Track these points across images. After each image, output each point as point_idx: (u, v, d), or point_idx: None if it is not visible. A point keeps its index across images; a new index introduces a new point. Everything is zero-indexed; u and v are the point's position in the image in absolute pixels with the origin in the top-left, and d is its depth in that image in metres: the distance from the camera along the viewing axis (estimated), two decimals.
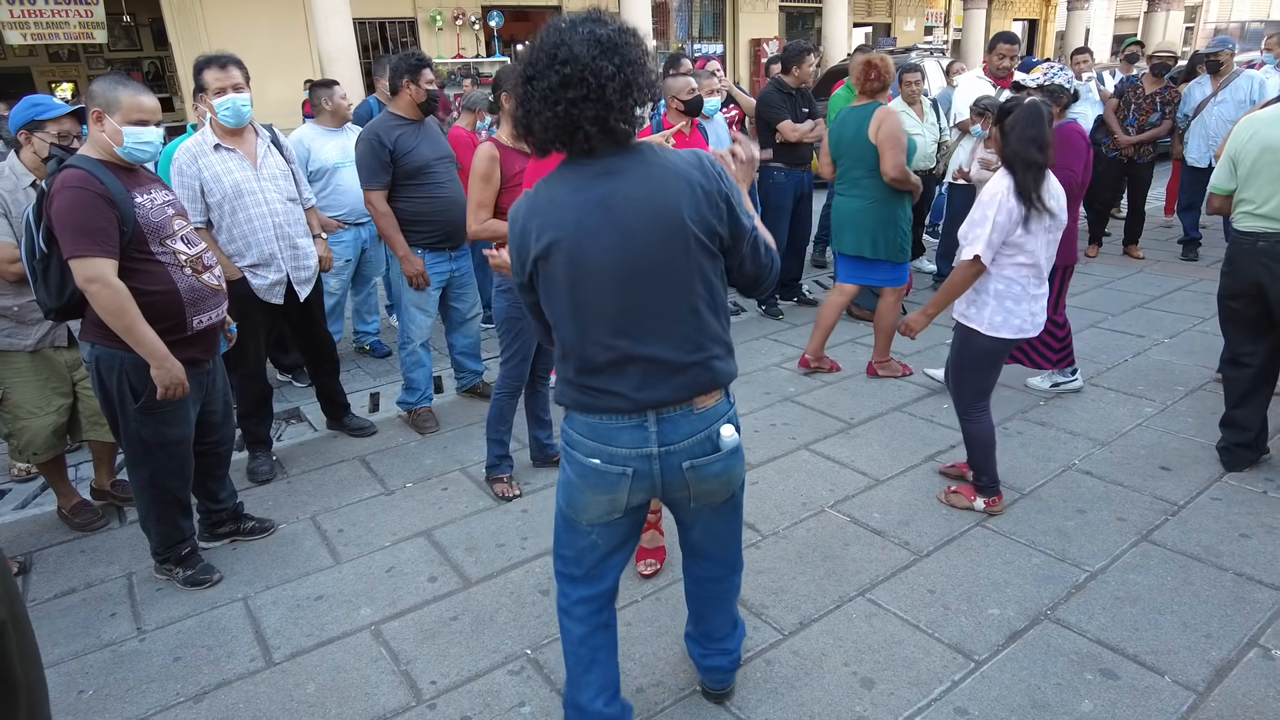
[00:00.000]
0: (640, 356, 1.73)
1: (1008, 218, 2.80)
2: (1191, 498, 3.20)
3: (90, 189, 2.47)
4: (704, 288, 1.73)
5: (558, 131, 1.63)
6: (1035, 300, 2.95)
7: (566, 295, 1.72)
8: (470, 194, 3.20)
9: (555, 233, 1.68)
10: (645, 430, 1.79)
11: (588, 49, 1.58)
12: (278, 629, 2.67)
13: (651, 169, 1.67)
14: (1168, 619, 2.52)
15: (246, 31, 11.60)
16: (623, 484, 1.83)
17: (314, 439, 4.13)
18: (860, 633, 2.52)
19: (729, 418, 1.87)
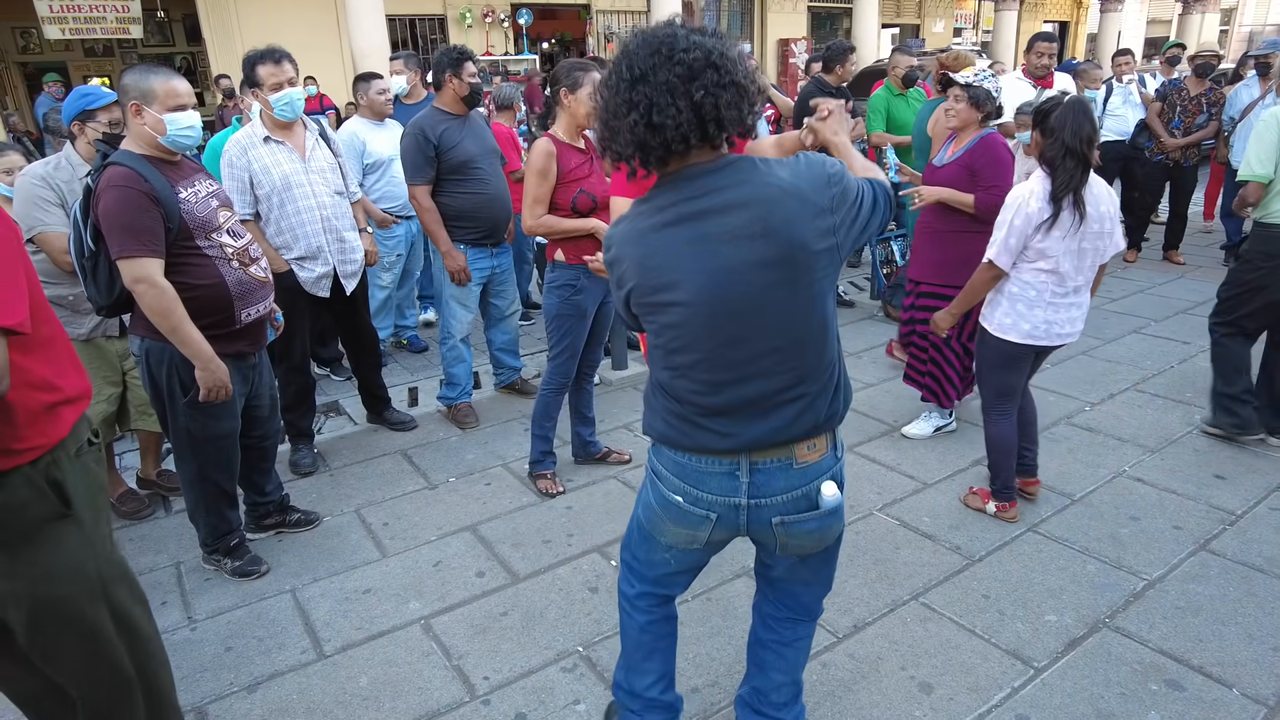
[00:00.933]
0: (739, 398, 1.57)
1: (1025, 222, 2.73)
2: (1249, 507, 3.14)
3: (135, 187, 2.44)
4: (819, 310, 1.56)
5: (689, 127, 1.44)
6: (1055, 309, 2.83)
7: (658, 333, 1.60)
8: (526, 189, 3.18)
9: (650, 271, 1.54)
10: (737, 479, 1.63)
11: (706, 38, 1.45)
12: (327, 621, 2.68)
13: (758, 189, 1.49)
14: (1232, 630, 2.47)
15: (279, 27, 11.67)
16: (705, 525, 1.69)
17: (354, 432, 4.14)
18: (915, 637, 2.48)
19: (833, 474, 1.67)
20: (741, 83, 1.45)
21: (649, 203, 1.57)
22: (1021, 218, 2.74)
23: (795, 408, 1.58)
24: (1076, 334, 2.92)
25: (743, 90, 1.46)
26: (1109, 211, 2.78)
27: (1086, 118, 2.66)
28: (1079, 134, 2.64)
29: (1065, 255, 2.75)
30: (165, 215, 2.48)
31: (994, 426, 3.05)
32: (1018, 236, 2.76)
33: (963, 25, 20.31)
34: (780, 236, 1.48)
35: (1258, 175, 3.40)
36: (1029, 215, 2.73)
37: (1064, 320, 2.86)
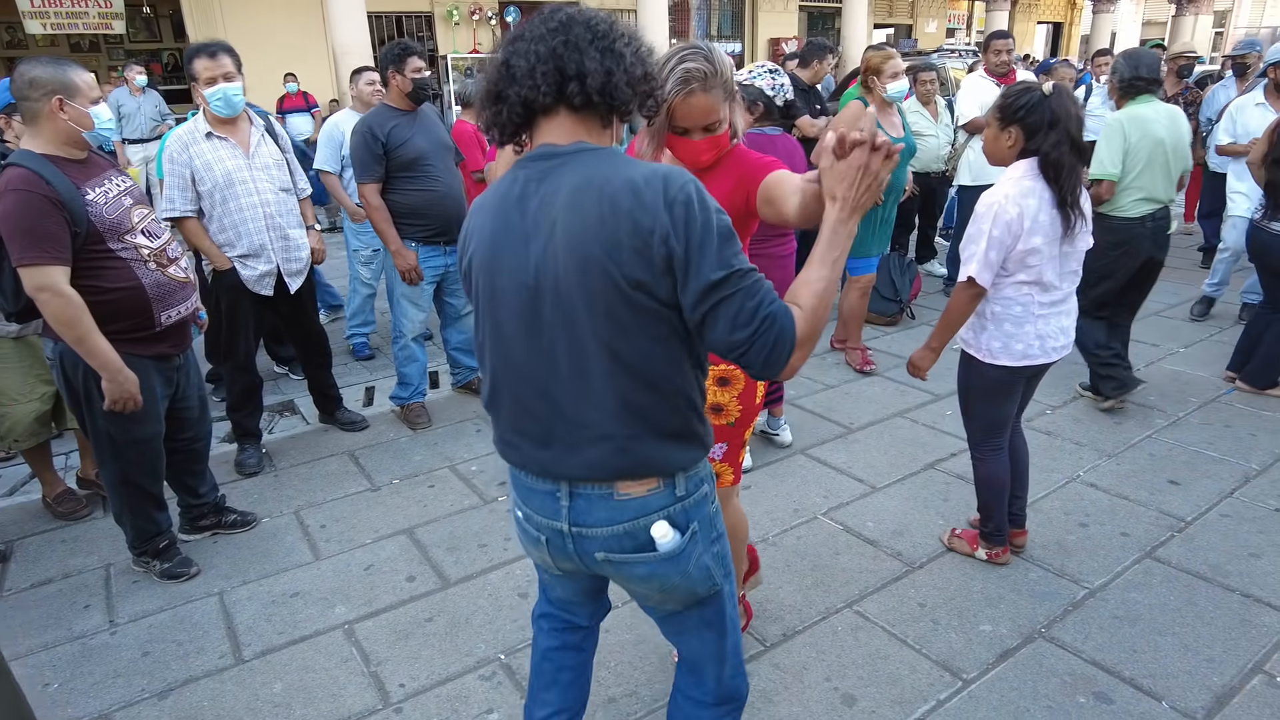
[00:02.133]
0: (547, 412, 1.39)
1: (1005, 232, 2.39)
2: (1200, 514, 3.08)
3: (36, 191, 2.32)
4: (632, 348, 1.31)
5: (545, 78, 1.29)
6: (1043, 320, 2.52)
7: (481, 318, 1.44)
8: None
9: (475, 241, 1.41)
10: (557, 501, 1.44)
11: (586, 13, 1.34)
12: (250, 625, 2.62)
13: (595, 172, 1.29)
14: (1169, 641, 2.41)
15: (263, 23, 11.63)
16: (541, 547, 1.52)
17: (305, 432, 4.08)
18: (845, 646, 2.43)
19: (669, 514, 1.41)
20: (619, 50, 1.31)
21: (504, 178, 1.42)
22: (1000, 227, 2.39)
23: (608, 448, 1.36)
24: (1070, 344, 2.62)
25: (618, 57, 1.30)
26: (1088, 210, 2.50)
27: (1078, 106, 2.41)
28: (1083, 125, 2.39)
29: (1048, 263, 2.45)
30: (70, 219, 2.37)
31: (985, 465, 2.72)
32: (998, 249, 2.41)
33: (956, 26, 20.25)
34: (588, 234, 1.28)
35: (1109, 174, 3.73)
36: (1008, 223, 2.38)
37: (1055, 331, 2.55)
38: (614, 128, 1.40)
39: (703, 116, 1.82)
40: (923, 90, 5.60)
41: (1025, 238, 2.40)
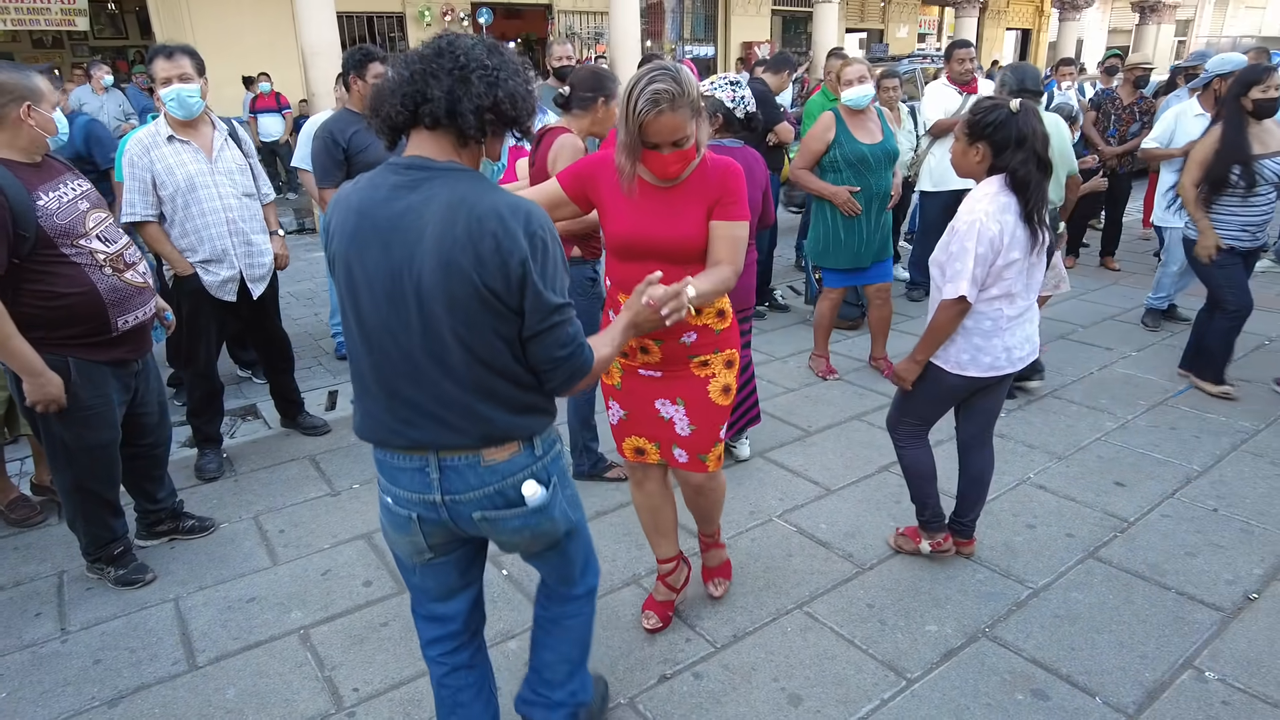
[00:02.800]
0: (413, 394, 1.55)
1: (989, 249, 2.40)
2: (1142, 514, 3.17)
3: None
4: (482, 342, 1.51)
5: (404, 100, 1.47)
6: (1009, 332, 2.54)
7: (345, 307, 1.60)
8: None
9: (337, 236, 1.57)
10: (427, 475, 1.60)
11: (471, 42, 1.51)
12: (205, 631, 2.62)
13: (468, 192, 1.47)
14: (1105, 638, 2.49)
15: (231, 21, 11.53)
16: (412, 527, 1.67)
17: (266, 436, 4.07)
18: (794, 647, 2.48)
19: (533, 472, 1.64)
20: (472, 79, 1.46)
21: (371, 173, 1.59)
22: (985, 244, 2.39)
23: (471, 418, 1.56)
24: (1036, 350, 2.66)
25: (467, 85, 1.45)
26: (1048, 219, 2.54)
27: (1041, 121, 2.42)
28: (1048, 142, 2.41)
29: (1020, 276, 2.48)
30: (15, 222, 2.35)
31: (910, 452, 2.81)
32: (983, 265, 2.42)
33: (927, 31, 20.51)
34: (454, 244, 1.46)
35: None
36: (991, 240, 2.39)
37: (1021, 341, 2.59)
38: (473, 148, 1.55)
39: (671, 133, 1.98)
40: (885, 97, 5.68)
41: (1005, 252, 2.42)
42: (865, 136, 4.30)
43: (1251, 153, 3.90)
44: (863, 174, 4.27)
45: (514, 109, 1.52)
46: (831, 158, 4.29)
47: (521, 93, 1.52)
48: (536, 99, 1.61)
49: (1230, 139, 3.95)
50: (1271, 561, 2.86)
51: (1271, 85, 3.86)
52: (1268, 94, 3.86)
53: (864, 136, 4.30)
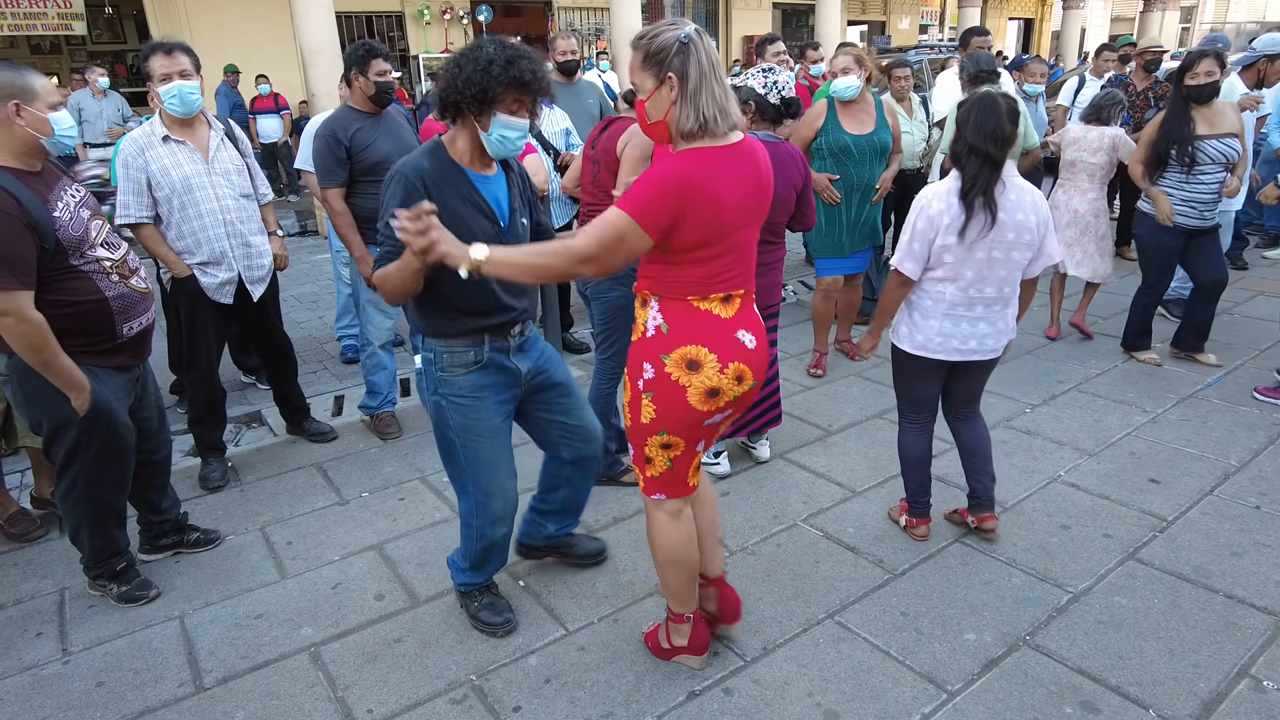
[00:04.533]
0: None
1: (928, 225, 2.54)
2: (1181, 513, 3.06)
3: (7, 211, 2.22)
4: None
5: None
6: (953, 321, 2.61)
7: None
8: (625, 170, 3.12)
9: None
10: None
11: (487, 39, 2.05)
12: (212, 650, 2.51)
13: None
14: (1153, 646, 2.38)
15: (229, 23, 11.42)
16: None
17: (272, 444, 3.97)
18: (827, 659, 2.37)
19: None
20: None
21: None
22: (924, 220, 2.54)
23: None
24: (989, 350, 2.67)
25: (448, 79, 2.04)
26: (1032, 221, 2.52)
27: (992, 114, 2.43)
28: (981, 130, 2.43)
29: (967, 263, 2.54)
30: (40, 236, 2.28)
31: (901, 434, 2.92)
32: (921, 240, 2.56)
33: (929, 22, 20.34)
34: None
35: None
36: (930, 217, 2.53)
37: (966, 334, 2.62)
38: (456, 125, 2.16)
39: (631, 74, 1.92)
40: (897, 87, 5.55)
41: (943, 233, 2.52)
42: (854, 127, 4.24)
43: (1194, 133, 4.04)
44: (844, 163, 4.25)
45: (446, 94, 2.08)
46: (817, 145, 4.30)
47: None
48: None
49: (1169, 121, 4.12)
50: None
51: (1201, 72, 3.98)
52: (1196, 80, 4.00)
53: (853, 127, 4.24)
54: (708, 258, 1.90)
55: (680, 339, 1.95)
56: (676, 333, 1.96)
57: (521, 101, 2.11)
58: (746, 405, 2.11)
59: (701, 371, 1.95)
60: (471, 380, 2.27)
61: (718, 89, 1.82)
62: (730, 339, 1.97)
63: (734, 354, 1.97)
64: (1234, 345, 4.70)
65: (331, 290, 6.46)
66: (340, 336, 5.12)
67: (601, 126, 3.16)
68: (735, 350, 1.97)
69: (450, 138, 2.21)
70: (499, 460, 2.35)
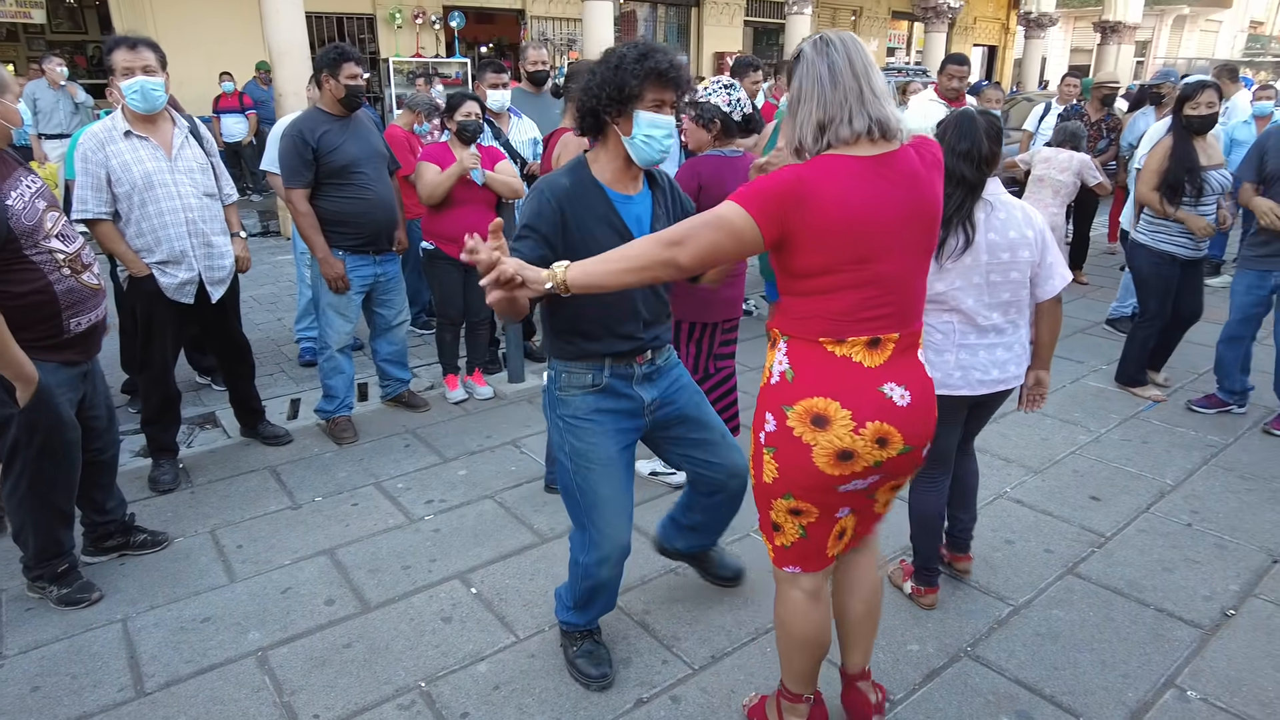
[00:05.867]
0: None
1: None
2: (1119, 529, 3.16)
3: None
4: None
5: None
6: (969, 351, 2.42)
7: None
8: None
9: None
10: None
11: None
12: (155, 654, 2.48)
13: None
14: (1087, 657, 2.46)
15: (195, 18, 11.26)
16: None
17: (225, 446, 3.92)
18: (774, 668, 2.39)
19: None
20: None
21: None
22: None
23: None
24: (1010, 379, 2.49)
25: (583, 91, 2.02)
26: (1028, 235, 2.38)
27: (968, 134, 2.33)
28: (955, 150, 2.31)
29: (966, 290, 2.37)
30: None
31: (916, 495, 2.63)
32: None
33: (896, 45, 20.76)
34: None
35: None
36: None
37: (985, 364, 2.43)
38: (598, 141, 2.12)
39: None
40: None
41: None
42: None
43: (1199, 163, 4.08)
44: None
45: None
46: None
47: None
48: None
49: (1180, 150, 4.11)
50: (1246, 577, 2.85)
51: (1202, 103, 4.00)
52: (1197, 110, 4.02)
53: None
54: (839, 287, 1.63)
55: (806, 389, 1.68)
56: (803, 381, 1.69)
57: (663, 97, 1.98)
58: (908, 470, 1.79)
59: (830, 430, 1.66)
60: (588, 402, 2.14)
61: (833, 95, 1.60)
62: (872, 393, 1.67)
63: (875, 411, 1.66)
64: (1174, 368, 4.86)
65: (291, 292, 6.41)
66: (299, 339, 5.08)
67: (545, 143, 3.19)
68: (877, 407, 1.66)
69: (593, 154, 2.13)
70: (611, 494, 2.16)
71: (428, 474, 3.60)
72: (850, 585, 2.04)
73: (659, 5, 16.50)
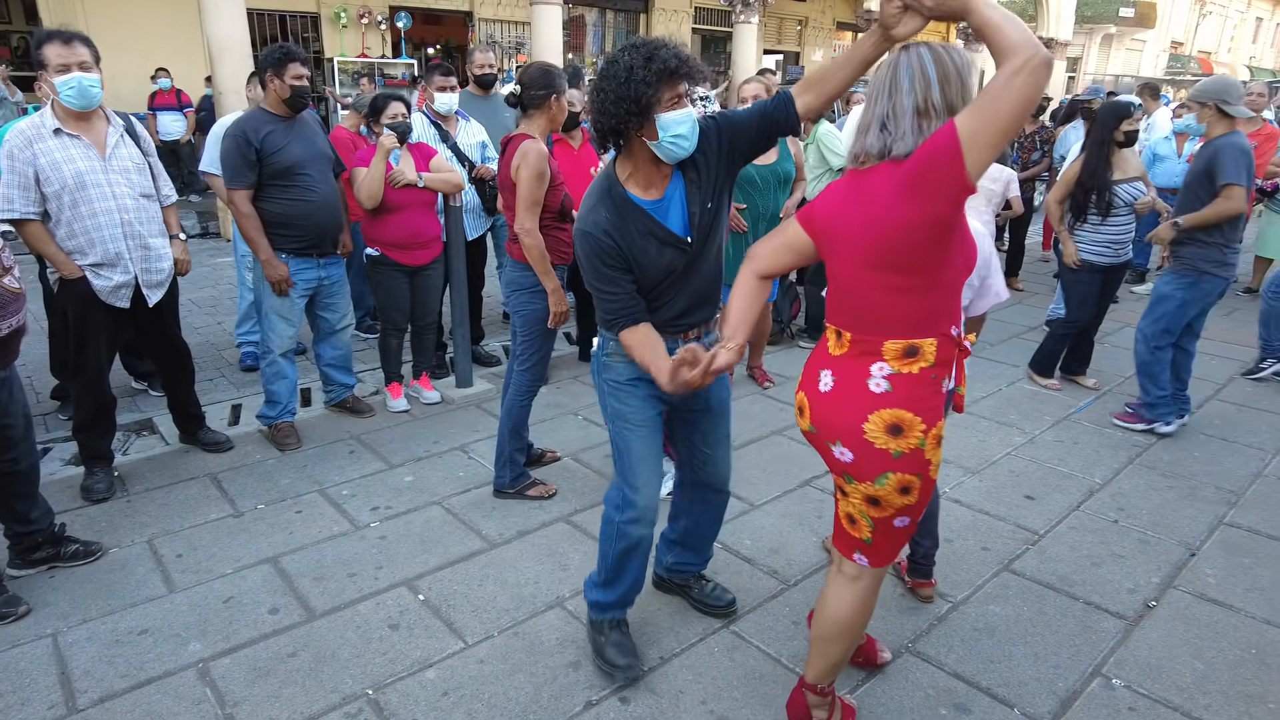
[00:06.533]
0: None
1: None
2: (1051, 526, 3.29)
3: None
4: None
5: None
6: None
7: None
8: (522, 194, 3.08)
9: None
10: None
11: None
12: (88, 669, 2.40)
13: None
14: (1021, 650, 2.55)
15: (129, 11, 10.91)
16: None
17: (164, 453, 3.81)
18: (721, 668, 2.45)
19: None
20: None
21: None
22: None
23: None
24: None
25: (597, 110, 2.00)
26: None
27: None
28: None
29: None
30: None
31: None
32: None
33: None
34: None
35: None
36: None
37: None
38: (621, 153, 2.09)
39: None
40: None
41: None
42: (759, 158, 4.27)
43: (1111, 179, 4.39)
44: (749, 193, 4.32)
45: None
46: None
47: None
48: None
49: (1093, 166, 4.42)
50: (1167, 570, 3.00)
51: (1137, 120, 4.39)
52: (1134, 126, 4.39)
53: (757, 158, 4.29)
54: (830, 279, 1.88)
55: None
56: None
57: (677, 92, 1.96)
58: (832, 462, 1.90)
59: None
60: (631, 369, 2.22)
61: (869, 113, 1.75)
62: (813, 370, 1.91)
63: (805, 384, 1.93)
64: (1104, 372, 5.08)
65: (232, 295, 6.26)
66: (240, 343, 4.96)
67: (502, 148, 3.19)
68: (808, 381, 1.91)
69: (621, 164, 2.10)
70: (645, 453, 2.28)
71: (373, 480, 3.55)
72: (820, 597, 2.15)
73: (607, 10, 16.55)
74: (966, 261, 1.79)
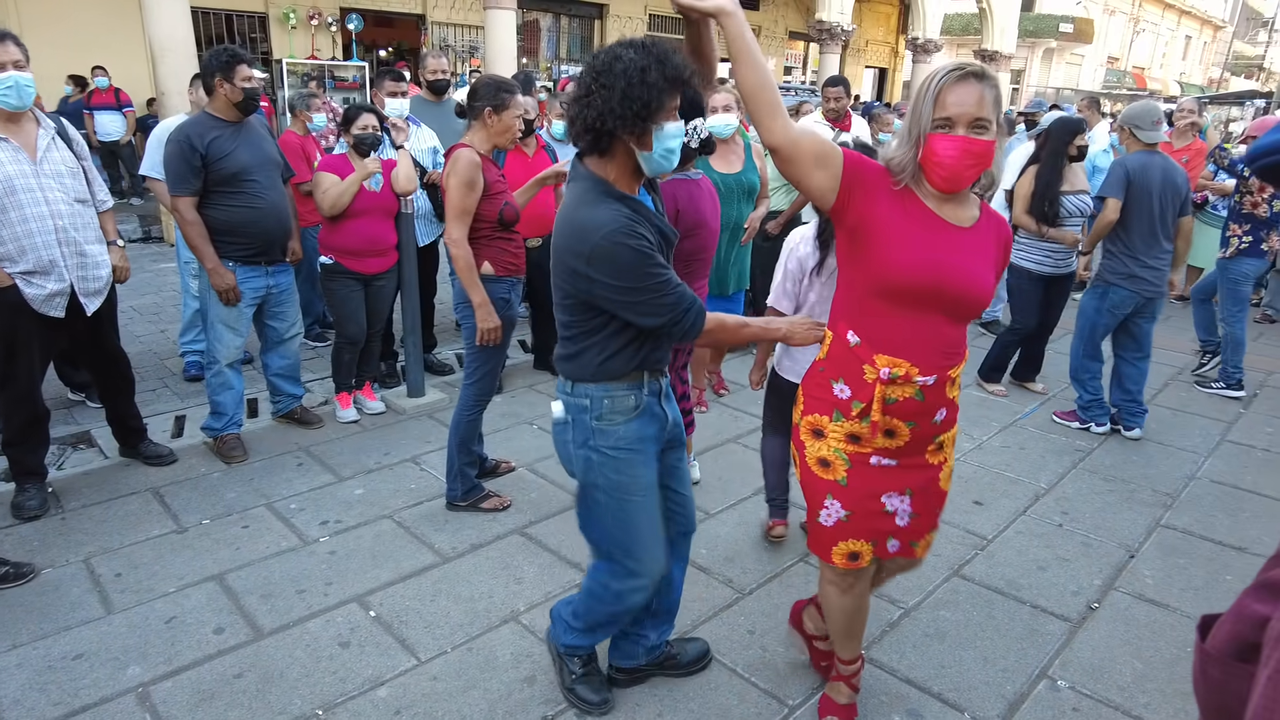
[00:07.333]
0: None
1: (798, 266, 2.74)
2: (999, 531, 3.37)
3: None
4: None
5: None
6: (802, 353, 2.75)
7: None
8: (450, 201, 3.02)
9: None
10: None
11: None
12: (18, 698, 2.30)
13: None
14: (970, 654, 2.60)
15: (65, 8, 10.55)
16: None
17: (102, 467, 3.68)
18: (676, 680, 2.44)
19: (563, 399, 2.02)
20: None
21: None
22: (794, 261, 2.74)
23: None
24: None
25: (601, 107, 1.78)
26: None
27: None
28: None
29: (821, 305, 2.65)
30: None
31: (764, 442, 3.23)
32: (792, 280, 2.76)
33: (793, 65, 21.48)
34: None
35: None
36: (800, 259, 2.73)
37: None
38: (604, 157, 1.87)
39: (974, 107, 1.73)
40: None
41: (810, 273, 2.73)
42: (723, 166, 4.14)
43: (1059, 190, 4.56)
44: None
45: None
46: None
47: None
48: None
49: (1047, 177, 4.57)
50: (1108, 573, 3.09)
51: (1083, 135, 4.59)
52: (1084, 142, 4.59)
53: (721, 165, 4.13)
54: None
55: None
56: None
57: (678, 103, 1.82)
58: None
59: None
60: (632, 430, 1.97)
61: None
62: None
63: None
64: (1047, 377, 5.22)
65: (175, 302, 6.09)
66: (184, 352, 4.82)
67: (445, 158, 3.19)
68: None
69: (599, 168, 1.88)
70: (649, 524, 2.06)
71: (322, 494, 3.48)
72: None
73: (561, 16, 16.53)
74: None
